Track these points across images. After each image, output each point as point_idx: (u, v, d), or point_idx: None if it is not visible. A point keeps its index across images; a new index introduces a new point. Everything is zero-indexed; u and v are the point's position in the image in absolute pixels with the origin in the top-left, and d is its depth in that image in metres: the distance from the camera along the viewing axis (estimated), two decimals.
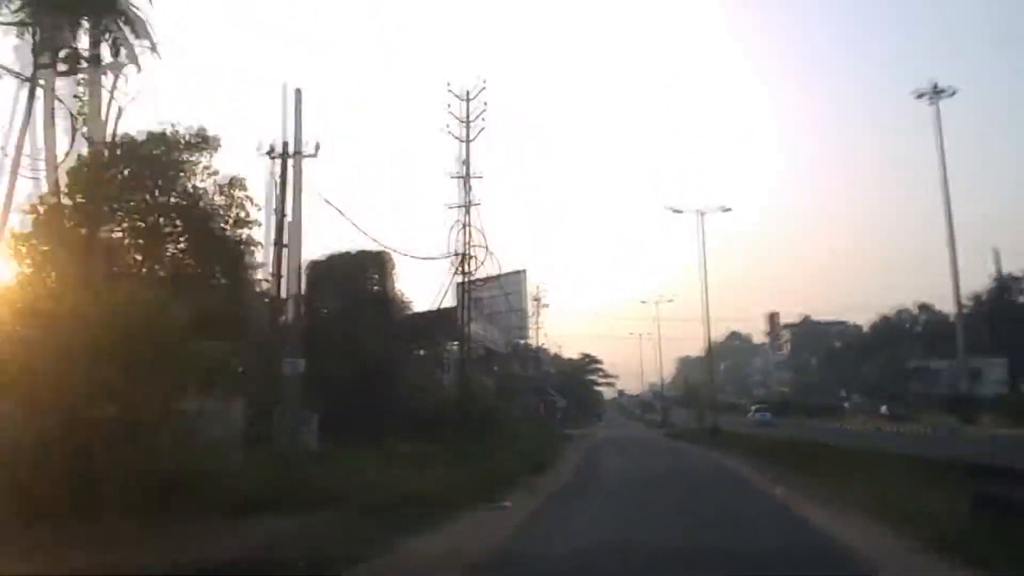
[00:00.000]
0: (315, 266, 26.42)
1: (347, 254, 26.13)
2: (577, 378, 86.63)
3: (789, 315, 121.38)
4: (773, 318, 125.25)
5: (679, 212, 40.31)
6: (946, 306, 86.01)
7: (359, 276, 25.77)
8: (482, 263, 25.81)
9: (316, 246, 27.09)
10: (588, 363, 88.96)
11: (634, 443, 39.33)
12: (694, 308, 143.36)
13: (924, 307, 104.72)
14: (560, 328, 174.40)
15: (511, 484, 16.59)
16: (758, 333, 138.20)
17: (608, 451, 31.88)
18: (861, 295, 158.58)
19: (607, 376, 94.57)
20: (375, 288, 25.80)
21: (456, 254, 25.28)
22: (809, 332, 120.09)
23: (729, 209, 41.22)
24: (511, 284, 61.11)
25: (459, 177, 25.60)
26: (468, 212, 25.55)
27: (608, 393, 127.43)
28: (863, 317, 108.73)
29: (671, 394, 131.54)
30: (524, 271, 64.84)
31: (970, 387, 42.28)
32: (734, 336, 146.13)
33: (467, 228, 25.51)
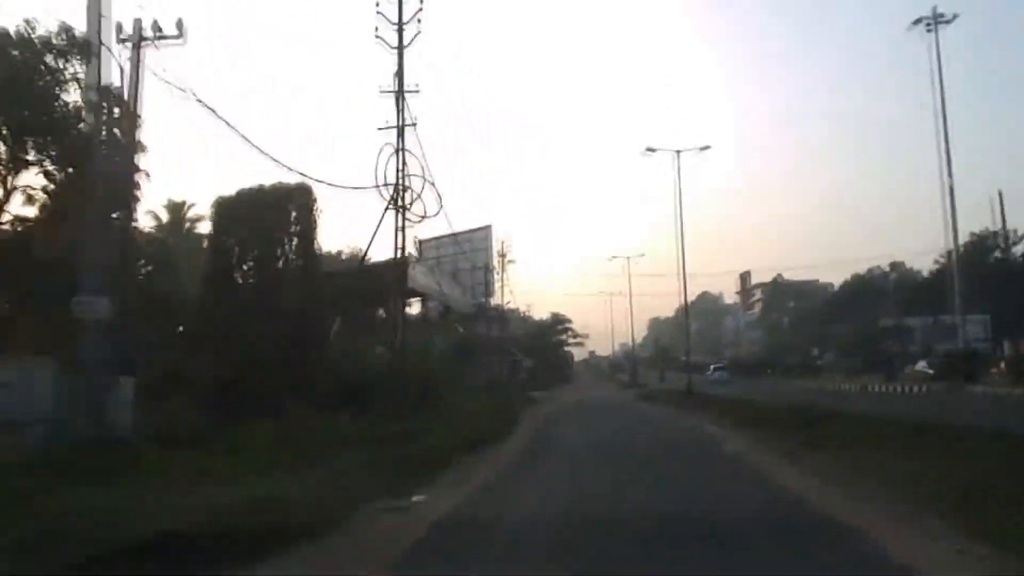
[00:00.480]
0: (223, 204, 21.93)
1: (261, 188, 21.61)
2: (546, 339, 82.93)
3: (761, 273, 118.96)
4: (745, 278, 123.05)
5: (653, 151, 35.99)
6: (918, 263, 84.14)
7: (275, 214, 21.29)
8: (419, 196, 21.36)
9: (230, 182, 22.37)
10: (557, 323, 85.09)
11: (602, 407, 35.47)
12: (666, 265, 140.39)
13: (896, 265, 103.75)
14: (528, 287, 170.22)
15: (441, 468, 12.57)
16: (729, 293, 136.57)
17: (572, 417, 28.01)
18: (833, 252, 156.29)
19: (577, 336, 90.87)
20: (296, 228, 21.35)
21: (385, 184, 20.76)
22: (780, 292, 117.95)
23: (708, 147, 36.90)
24: (477, 241, 56.92)
25: (391, 92, 20.94)
26: (402, 134, 21.00)
27: (579, 354, 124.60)
28: (834, 275, 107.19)
29: (643, 355, 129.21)
30: (489, 227, 60.60)
31: (966, 342, 38.75)
32: (705, 296, 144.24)
33: (400, 153, 20.95)
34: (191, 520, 6.55)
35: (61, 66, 19.50)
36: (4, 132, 19.27)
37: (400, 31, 20.42)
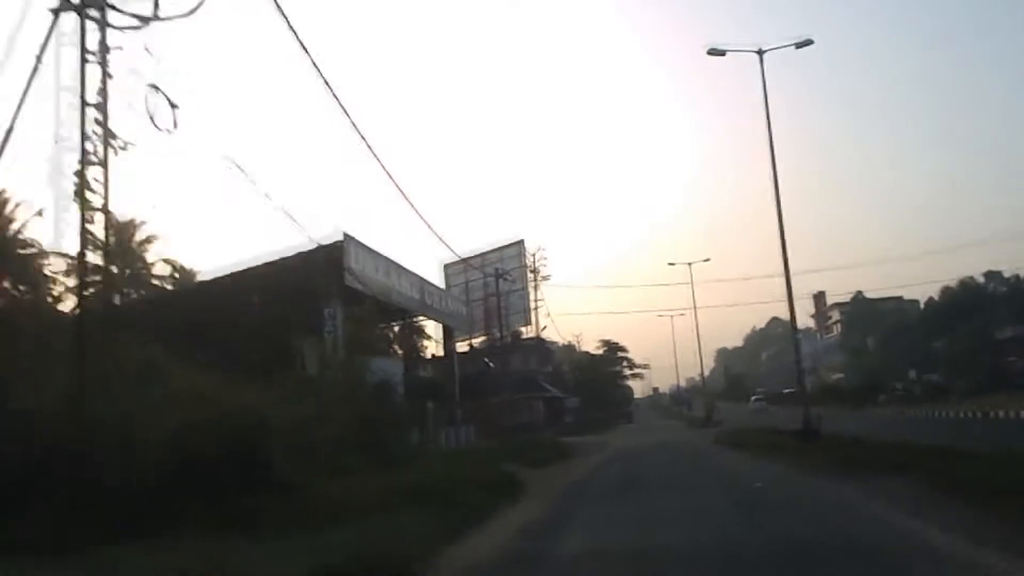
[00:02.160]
0: None
1: None
2: (600, 371, 68.98)
3: (834, 295, 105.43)
4: (819, 298, 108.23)
5: (722, 54, 22.28)
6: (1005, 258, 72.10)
7: None
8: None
9: None
10: (611, 353, 70.48)
11: (666, 462, 21.64)
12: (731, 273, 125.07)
13: (991, 275, 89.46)
14: (570, 310, 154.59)
15: None
16: (802, 317, 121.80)
17: (609, 493, 14.73)
18: (911, 269, 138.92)
19: (635, 367, 76.12)
20: None
21: None
22: (861, 311, 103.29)
23: (809, 42, 22.56)
24: (508, 259, 44.56)
25: None
26: None
27: (642, 388, 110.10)
28: (915, 292, 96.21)
29: (713, 387, 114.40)
30: (521, 242, 48.12)
31: None
32: (775, 322, 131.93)
33: None
34: None
35: None
36: None
37: None
